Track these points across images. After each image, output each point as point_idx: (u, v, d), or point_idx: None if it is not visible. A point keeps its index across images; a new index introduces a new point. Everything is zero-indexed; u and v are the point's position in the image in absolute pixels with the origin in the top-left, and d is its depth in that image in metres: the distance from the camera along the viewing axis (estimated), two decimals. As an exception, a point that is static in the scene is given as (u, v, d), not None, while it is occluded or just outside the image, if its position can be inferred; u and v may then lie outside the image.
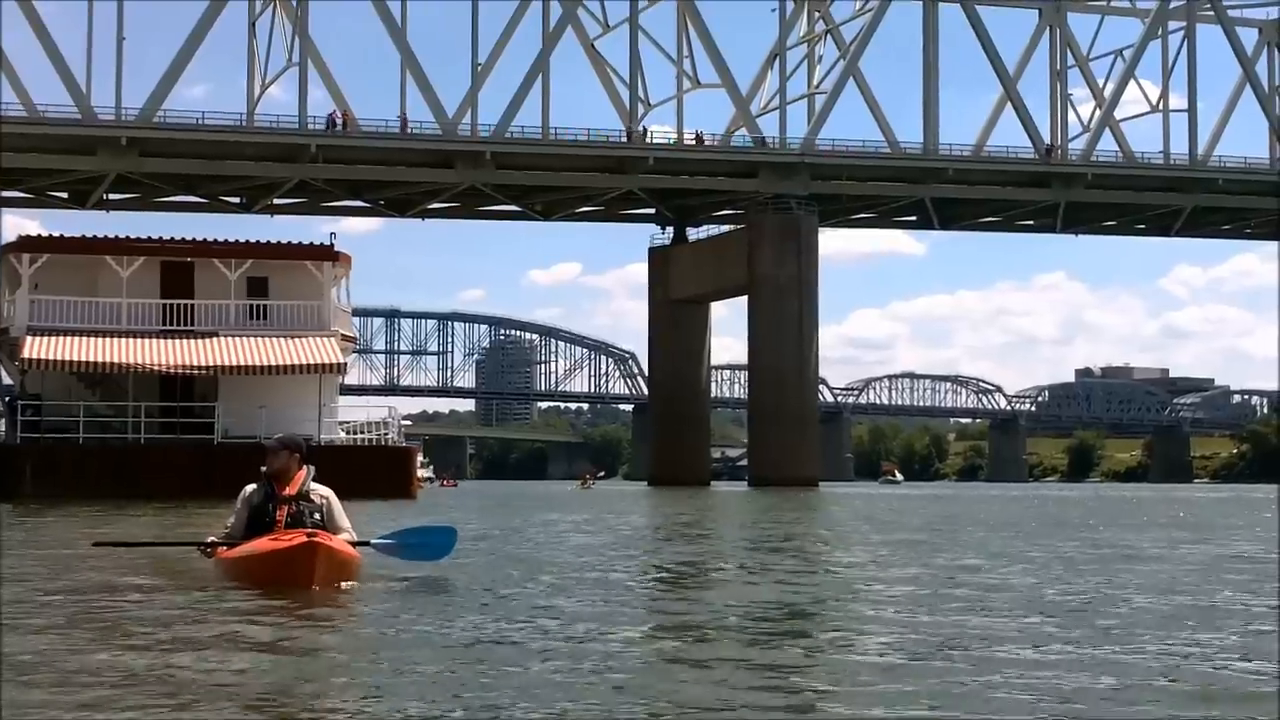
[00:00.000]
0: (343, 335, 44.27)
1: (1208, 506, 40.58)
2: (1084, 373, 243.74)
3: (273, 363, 41.19)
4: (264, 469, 10.15)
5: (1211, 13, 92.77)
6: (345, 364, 43.95)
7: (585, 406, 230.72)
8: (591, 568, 12.67)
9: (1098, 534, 20.97)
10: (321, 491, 10.17)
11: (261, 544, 9.56)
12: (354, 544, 10.00)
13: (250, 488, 10.18)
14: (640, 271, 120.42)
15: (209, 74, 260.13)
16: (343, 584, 9.51)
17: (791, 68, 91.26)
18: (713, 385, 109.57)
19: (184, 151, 77.44)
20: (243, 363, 41.03)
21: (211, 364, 40.94)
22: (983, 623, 8.18)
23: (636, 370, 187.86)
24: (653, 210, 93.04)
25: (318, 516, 9.94)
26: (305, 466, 10.18)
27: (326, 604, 8.78)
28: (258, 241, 45.51)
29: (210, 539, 10.44)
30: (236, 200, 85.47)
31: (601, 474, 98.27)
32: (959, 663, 6.54)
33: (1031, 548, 16.63)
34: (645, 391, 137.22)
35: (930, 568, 12.96)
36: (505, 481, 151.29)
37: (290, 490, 10.01)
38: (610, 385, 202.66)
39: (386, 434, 44.37)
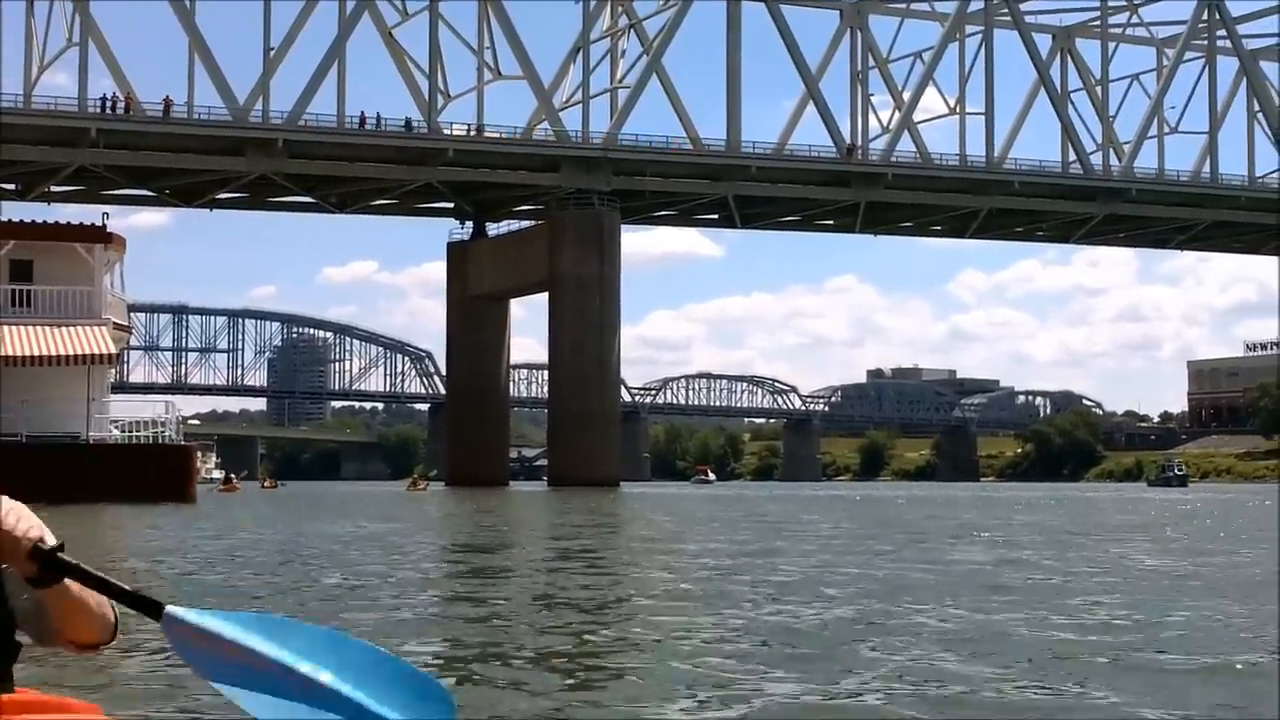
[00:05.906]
0: (115, 324, 41.20)
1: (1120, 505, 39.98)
2: (875, 374, 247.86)
3: (36, 353, 37.99)
4: None
5: (1009, 18, 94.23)
6: (116, 355, 41.01)
7: (380, 406, 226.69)
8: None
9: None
10: None
11: None
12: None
13: None
14: (438, 270, 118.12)
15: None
16: None
17: (595, 62, 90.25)
18: (511, 385, 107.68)
19: (-49, 134, 72.79)
20: (3, 353, 37.77)
21: (-33, 355, 37.59)
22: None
23: (433, 369, 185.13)
24: (452, 204, 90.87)
25: None
26: None
27: None
28: (20, 221, 42.14)
29: None
30: (11, 187, 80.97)
31: (434, 473, 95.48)
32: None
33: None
34: (442, 391, 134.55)
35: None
36: (323, 483, 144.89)
37: None
38: (406, 384, 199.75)
39: (164, 432, 41.44)
